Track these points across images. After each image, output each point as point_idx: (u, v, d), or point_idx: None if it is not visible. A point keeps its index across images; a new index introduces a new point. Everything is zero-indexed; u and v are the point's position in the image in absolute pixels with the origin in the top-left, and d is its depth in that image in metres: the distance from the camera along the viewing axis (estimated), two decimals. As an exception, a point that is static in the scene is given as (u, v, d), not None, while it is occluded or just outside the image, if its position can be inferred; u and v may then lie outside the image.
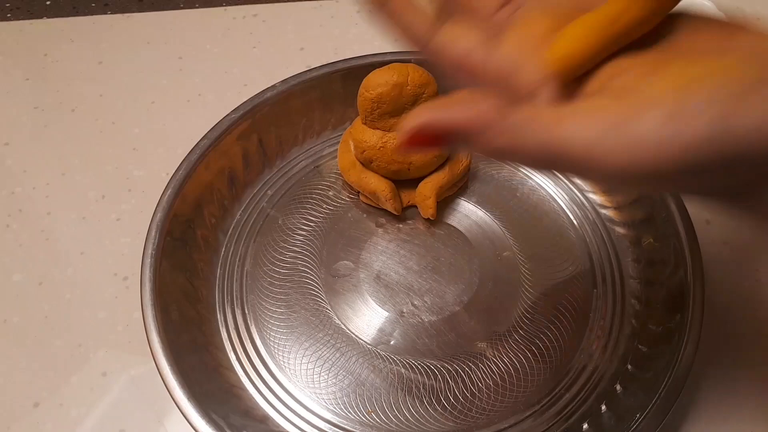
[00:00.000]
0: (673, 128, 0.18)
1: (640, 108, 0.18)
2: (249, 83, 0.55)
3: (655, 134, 0.18)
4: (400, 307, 0.40)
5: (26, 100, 0.54)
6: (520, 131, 0.19)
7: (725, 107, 0.17)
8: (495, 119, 0.19)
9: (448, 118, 0.20)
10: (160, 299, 0.37)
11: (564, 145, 0.19)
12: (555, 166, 0.20)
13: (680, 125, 0.18)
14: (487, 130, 0.19)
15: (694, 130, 0.17)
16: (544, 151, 0.19)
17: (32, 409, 0.39)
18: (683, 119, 0.18)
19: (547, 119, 0.19)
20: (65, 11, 0.62)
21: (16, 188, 0.49)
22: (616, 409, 0.36)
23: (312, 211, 0.45)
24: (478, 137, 0.20)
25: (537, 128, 0.19)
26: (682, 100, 0.18)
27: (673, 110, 0.18)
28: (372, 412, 0.36)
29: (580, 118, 0.19)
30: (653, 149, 0.18)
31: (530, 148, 0.19)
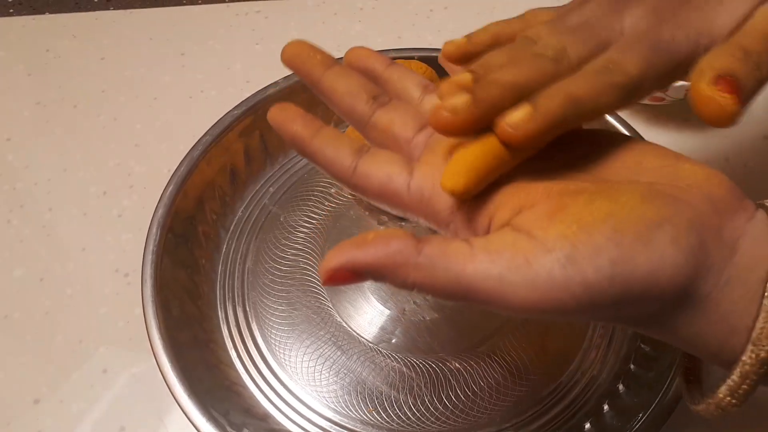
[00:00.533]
0: (573, 269, 0.19)
1: (544, 249, 0.20)
2: (251, 80, 0.55)
3: (556, 274, 0.19)
4: (402, 305, 0.40)
5: (28, 95, 0.54)
6: (432, 267, 0.21)
7: (623, 249, 0.19)
8: (408, 255, 0.21)
9: (363, 257, 0.21)
10: (161, 296, 0.37)
11: (473, 282, 0.20)
12: (466, 300, 0.21)
13: (579, 266, 0.19)
14: (401, 267, 0.21)
15: (593, 272, 0.19)
16: (455, 285, 0.20)
17: (33, 405, 0.38)
18: (582, 261, 0.19)
19: (458, 254, 0.21)
20: (68, 7, 0.62)
21: (17, 184, 0.49)
22: (618, 409, 0.35)
23: (314, 208, 0.44)
24: (394, 274, 0.21)
25: (448, 264, 0.20)
26: (581, 242, 0.19)
27: (573, 250, 0.19)
28: (373, 411, 0.36)
29: (488, 255, 0.20)
30: (556, 289, 0.19)
31: (442, 282, 0.21)
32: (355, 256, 0.21)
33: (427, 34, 0.58)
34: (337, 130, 0.27)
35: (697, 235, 0.20)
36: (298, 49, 0.29)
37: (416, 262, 0.21)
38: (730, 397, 0.21)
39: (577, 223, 0.20)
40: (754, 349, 0.20)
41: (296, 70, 0.29)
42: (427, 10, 0.61)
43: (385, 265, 0.21)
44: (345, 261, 0.21)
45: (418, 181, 0.25)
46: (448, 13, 0.60)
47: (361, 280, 0.21)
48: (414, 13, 0.60)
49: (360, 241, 0.21)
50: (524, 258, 0.20)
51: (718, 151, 0.50)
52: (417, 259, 0.21)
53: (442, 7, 0.61)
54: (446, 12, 0.60)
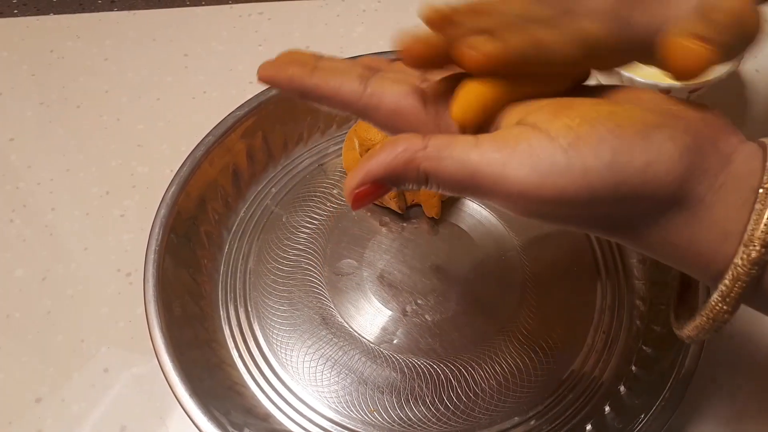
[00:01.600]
0: (575, 155, 0.20)
1: (547, 136, 0.21)
2: (254, 81, 0.54)
3: (558, 158, 0.20)
4: (404, 306, 0.40)
5: (32, 95, 0.54)
6: (438, 155, 0.21)
7: (624, 141, 0.20)
8: (415, 149, 0.22)
9: (377, 165, 0.22)
10: (163, 295, 0.37)
11: (478, 167, 0.21)
12: (471, 188, 0.22)
13: (580, 152, 0.20)
14: (411, 162, 0.22)
15: (593, 158, 0.20)
16: (461, 171, 0.21)
17: (34, 404, 0.38)
18: (584, 148, 0.20)
19: (464, 143, 0.22)
20: (72, 8, 0.62)
21: (20, 183, 0.49)
22: (619, 410, 0.35)
23: (316, 209, 0.44)
24: (406, 170, 0.22)
25: (453, 151, 0.21)
26: (586, 131, 0.20)
27: (576, 138, 0.20)
28: (375, 411, 0.36)
29: (494, 142, 0.21)
30: (557, 173, 0.20)
31: (449, 170, 0.21)
32: (369, 168, 0.22)
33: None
34: (334, 59, 0.27)
35: (694, 139, 0.21)
36: (287, 57, 0.28)
37: (424, 154, 0.21)
38: (722, 304, 0.22)
39: (581, 116, 0.21)
40: (745, 250, 0.20)
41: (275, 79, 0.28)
42: (429, 13, 0.61)
43: (397, 164, 0.22)
44: (363, 176, 0.22)
45: (434, 96, 0.25)
46: (450, 16, 0.60)
47: (383, 190, 0.22)
48: (415, 15, 0.60)
49: (371, 153, 0.22)
50: (527, 144, 0.21)
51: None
52: (424, 151, 0.21)
53: (445, 10, 0.61)
54: (449, 14, 0.60)
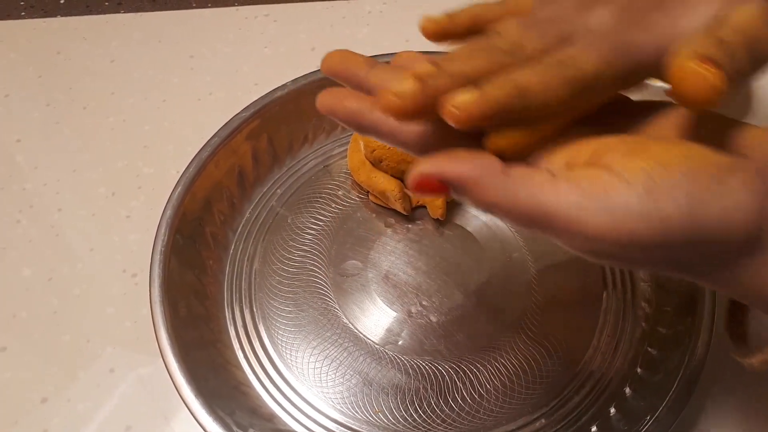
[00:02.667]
0: (652, 201, 0.20)
1: (624, 180, 0.20)
2: (260, 82, 0.55)
3: (634, 204, 0.20)
4: (409, 307, 0.40)
5: (38, 97, 0.55)
6: (515, 189, 0.21)
7: (699, 186, 0.20)
8: (495, 174, 0.21)
9: (453, 168, 0.22)
10: (169, 296, 0.37)
11: (553, 207, 0.21)
12: (543, 225, 0.21)
13: (657, 199, 0.20)
14: (487, 183, 0.21)
15: (671, 206, 0.20)
16: (535, 209, 0.21)
17: (40, 404, 0.39)
18: (660, 194, 0.20)
19: (541, 180, 0.21)
20: (79, 10, 0.63)
21: (26, 184, 0.49)
22: (625, 412, 0.35)
23: (321, 210, 0.44)
24: (479, 188, 0.21)
25: (531, 188, 0.21)
26: (662, 176, 0.20)
27: (652, 186, 0.20)
28: (379, 412, 0.36)
29: (570, 183, 0.21)
30: (632, 219, 0.20)
31: (522, 204, 0.21)
32: (446, 166, 0.22)
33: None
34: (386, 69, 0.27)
35: (766, 184, 0.21)
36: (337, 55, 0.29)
37: (501, 182, 0.21)
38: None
39: (656, 160, 0.21)
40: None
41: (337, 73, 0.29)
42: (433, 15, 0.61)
43: (472, 179, 0.21)
44: (437, 170, 0.22)
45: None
46: (455, 18, 0.60)
47: (444, 191, 0.22)
48: (421, 17, 0.60)
49: (452, 154, 0.22)
50: (603, 188, 0.20)
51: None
52: (502, 179, 0.21)
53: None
54: (454, 16, 0.60)
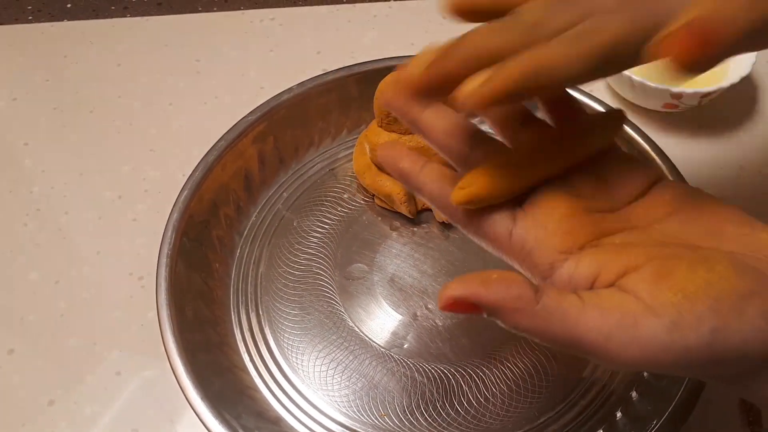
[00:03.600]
0: (678, 334, 0.21)
1: (652, 313, 0.21)
2: (265, 86, 0.55)
3: (662, 337, 0.21)
4: (414, 310, 0.40)
5: (45, 100, 0.55)
6: (547, 318, 0.22)
7: (721, 319, 0.21)
8: (528, 303, 0.22)
9: (487, 295, 0.22)
10: (176, 299, 0.37)
11: (584, 336, 0.22)
12: (574, 350, 0.22)
13: (683, 332, 0.21)
14: (521, 312, 0.22)
15: (695, 338, 0.21)
16: (566, 337, 0.22)
17: (47, 407, 0.39)
18: (685, 328, 0.21)
19: (571, 308, 0.22)
20: (85, 14, 0.63)
21: (34, 188, 0.49)
22: (631, 416, 0.35)
23: (327, 213, 0.45)
24: (512, 316, 0.22)
25: (562, 316, 0.22)
26: (686, 311, 0.21)
27: (677, 319, 0.21)
28: (385, 416, 0.36)
29: (599, 312, 0.22)
30: (659, 349, 0.21)
31: (554, 332, 0.22)
32: (479, 292, 0.22)
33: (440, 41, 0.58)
34: (440, 166, 0.29)
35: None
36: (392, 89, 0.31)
37: (533, 310, 0.22)
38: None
39: (682, 291, 0.22)
40: None
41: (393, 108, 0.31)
42: (439, 18, 0.60)
43: (505, 307, 0.22)
44: (469, 294, 0.22)
45: (521, 231, 0.26)
46: (461, 21, 0.60)
47: (476, 312, 0.23)
48: (427, 21, 0.60)
49: (485, 278, 0.23)
50: (633, 319, 0.21)
51: (732, 159, 0.49)
52: (535, 307, 0.22)
53: (455, 15, 0.61)
54: (459, 19, 0.60)
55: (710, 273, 0.22)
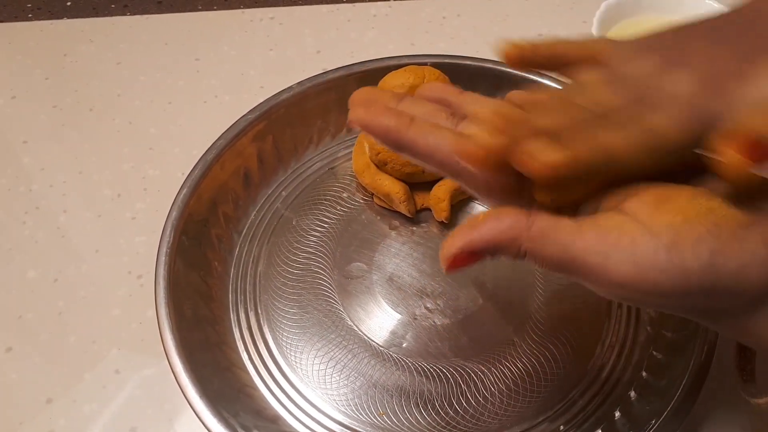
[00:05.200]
0: (676, 254, 0.21)
1: (650, 233, 0.21)
2: (265, 85, 0.55)
3: (660, 257, 0.21)
4: (413, 309, 0.40)
5: (45, 99, 0.55)
6: (543, 240, 0.22)
7: (721, 242, 0.21)
8: (520, 229, 0.22)
9: (479, 237, 0.22)
10: (174, 298, 0.37)
11: (581, 256, 0.22)
12: (571, 271, 0.22)
13: (681, 253, 0.21)
14: (515, 240, 0.22)
15: (693, 259, 0.21)
16: (563, 257, 0.22)
17: (45, 405, 0.39)
18: (684, 248, 0.21)
19: (567, 229, 0.22)
20: (85, 12, 0.63)
21: (33, 186, 0.49)
22: (630, 416, 0.35)
23: (326, 212, 0.45)
24: (508, 247, 0.22)
25: (557, 238, 0.22)
26: (685, 233, 0.21)
27: (677, 237, 0.21)
28: (383, 415, 0.36)
29: (596, 233, 0.22)
30: (657, 270, 0.21)
31: (551, 254, 0.22)
32: (471, 238, 0.22)
33: (440, 41, 0.58)
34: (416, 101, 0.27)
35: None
36: (364, 94, 0.29)
37: (528, 235, 0.22)
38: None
39: (682, 214, 0.22)
40: None
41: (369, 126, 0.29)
42: (440, 17, 0.61)
43: (500, 240, 0.22)
44: (463, 244, 0.22)
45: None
46: (460, 21, 0.60)
47: (479, 259, 0.23)
48: (427, 20, 0.60)
49: (472, 222, 0.23)
50: (630, 239, 0.21)
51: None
52: (529, 232, 0.22)
53: (455, 15, 0.61)
54: (459, 19, 0.61)
55: (711, 201, 0.22)
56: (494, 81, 0.48)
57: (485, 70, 0.48)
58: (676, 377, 0.35)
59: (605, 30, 0.53)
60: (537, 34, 0.59)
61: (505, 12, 0.61)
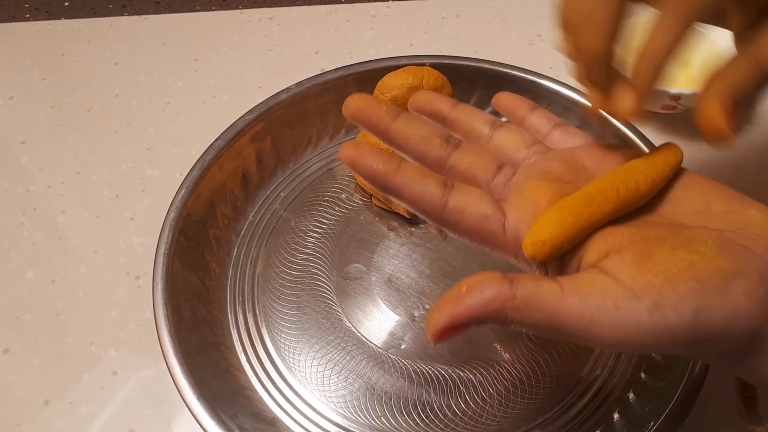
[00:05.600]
0: (659, 316, 0.21)
1: (633, 296, 0.21)
2: (264, 85, 0.55)
3: (643, 319, 0.21)
4: (412, 311, 0.40)
5: (43, 99, 0.55)
6: (527, 308, 0.22)
7: (704, 299, 0.21)
8: (504, 300, 0.22)
9: (464, 312, 0.22)
10: (172, 299, 0.37)
11: (565, 321, 0.22)
12: (558, 334, 0.22)
13: (664, 314, 0.21)
14: (500, 311, 0.22)
15: (676, 319, 0.21)
16: (549, 323, 0.22)
17: (43, 406, 0.39)
18: (667, 309, 0.21)
19: (550, 295, 0.22)
20: (83, 12, 0.63)
21: (31, 186, 0.49)
22: (629, 418, 0.35)
23: (324, 213, 0.44)
24: (494, 318, 0.22)
25: (541, 304, 0.22)
26: (666, 293, 0.21)
27: (660, 298, 0.21)
28: (381, 416, 0.36)
29: (579, 297, 0.22)
30: (641, 332, 0.21)
31: (537, 321, 0.22)
32: (456, 313, 0.22)
33: (439, 42, 0.58)
34: (418, 165, 0.27)
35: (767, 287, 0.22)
36: (361, 102, 0.29)
37: (513, 304, 0.22)
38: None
39: (663, 273, 0.22)
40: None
41: (362, 123, 0.29)
42: (438, 18, 0.61)
43: (485, 312, 0.22)
44: (448, 320, 0.22)
45: (513, 222, 0.26)
46: (459, 21, 0.60)
47: (465, 329, 0.22)
48: (426, 21, 0.60)
49: (456, 295, 0.22)
50: (614, 302, 0.21)
51: (729, 160, 0.49)
52: (513, 302, 0.22)
53: (454, 15, 0.61)
54: (457, 20, 0.61)
55: (693, 254, 0.22)
56: (492, 81, 0.48)
57: (484, 70, 0.48)
58: (675, 379, 0.35)
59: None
60: (535, 34, 0.59)
61: (504, 12, 0.61)
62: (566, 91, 0.46)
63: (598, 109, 0.27)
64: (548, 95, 0.47)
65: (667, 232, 0.24)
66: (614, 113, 0.27)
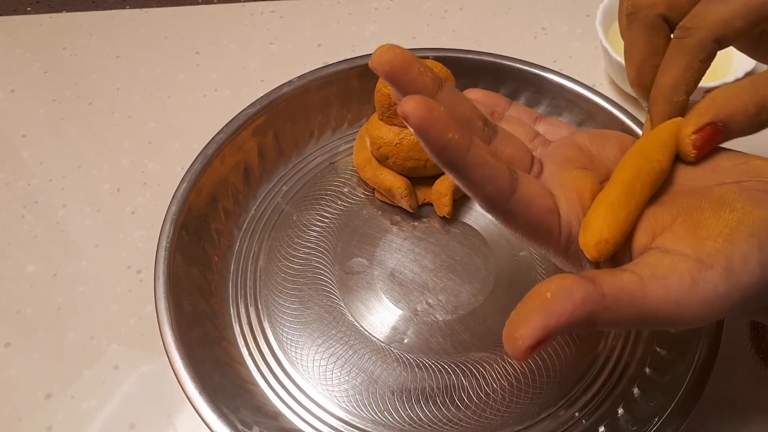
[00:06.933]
0: (733, 279, 0.22)
1: (705, 266, 0.22)
2: (266, 79, 0.55)
3: (721, 287, 0.22)
4: (415, 305, 0.40)
5: (44, 92, 0.55)
6: (618, 306, 0.21)
7: (761, 255, 0.22)
8: (596, 302, 0.21)
9: (557, 321, 0.20)
10: (174, 293, 0.37)
11: (655, 310, 0.22)
12: (645, 325, 0.23)
13: (737, 275, 0.22)
14: (592, 315, 0.21)
15: (748, 278, 0.22)
16: (640, 316, 0.22)
17: (44, 400, 0.38)
18: (738, 269, 0.22)
19: (633, 288, 0.22)
20: (84, 5, 0.63)
21: (32, 180, 0.49)
22: (633, 413, 0.35)
23: (327, 207, 0.44)
24: (586, 323, 0.21)
25: (630, 300, 0.22)
26: (732, 253, 0.22)
27: (728, 261, 0.22)
28: (384, 411, 0.36)
29: (658, 281, 0.22)
30: (721, 300, 0.22)
31: (628, 317, 0.22)
32: (548, 323, 0.20)
33: (442, 35, 0.58)
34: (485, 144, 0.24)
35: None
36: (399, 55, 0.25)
37: (603, 306, 0.21)
38: None
39: (720, 236, 0.22)
40: None
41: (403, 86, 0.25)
42: (441, 11, 0.60)
43: (577, 318, 0.21)
44: (542, 333, 0.20)
45: (566, 217, 0.25)
46: (462, 14, 0.60)
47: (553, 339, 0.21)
48: (429, 14, 0.60)
49: (541, 303, 0.20)
50: (691, 277, 0.22)
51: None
52: (603, 302, 0.21)
53: (457, 8, 0.60)
54: (461, 13, 0.60)
55: (734, 212, 0.23)
56: (496, 75, 0.47)
57: (487, 63, 0.47)
58: (680, 374, 0.34)
59: (609, 24, 0.53)
60: (540, 27, 0.59)
61: (508, 5, 0.61)
62: (571, 85, 0.46)
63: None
64: (552, 89, 0.47)
65: (697, 199, 0.24)
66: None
